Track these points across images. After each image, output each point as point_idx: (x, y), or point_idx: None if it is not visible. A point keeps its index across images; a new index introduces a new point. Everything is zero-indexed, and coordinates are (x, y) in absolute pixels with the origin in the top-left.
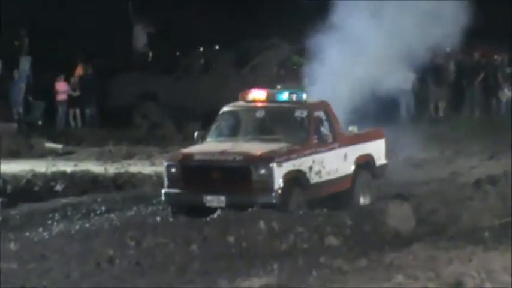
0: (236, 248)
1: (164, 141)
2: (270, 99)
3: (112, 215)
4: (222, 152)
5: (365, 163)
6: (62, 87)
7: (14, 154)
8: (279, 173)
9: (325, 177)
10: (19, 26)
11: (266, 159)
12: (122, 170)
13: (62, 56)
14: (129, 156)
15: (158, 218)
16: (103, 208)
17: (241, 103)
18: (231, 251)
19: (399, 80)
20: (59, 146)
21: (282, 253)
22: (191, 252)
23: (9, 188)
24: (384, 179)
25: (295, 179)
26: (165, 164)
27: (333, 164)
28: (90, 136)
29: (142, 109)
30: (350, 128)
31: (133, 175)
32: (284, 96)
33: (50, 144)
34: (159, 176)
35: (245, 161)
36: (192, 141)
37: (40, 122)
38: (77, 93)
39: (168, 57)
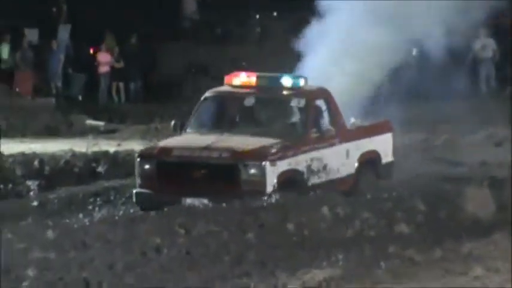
0: (297, 236)
1: None
2: (261, 84)
3: None
4: (206, 148)
5: (370, 161)
6: (104, 58)
7: (52, 132)
8: (272, 173)
9: (324, 178)
10: None
11: (258, 156)
12: None
13: (104, 24)
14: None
15: (210, 203)
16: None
17: (226, 88)
18: (291, 240)
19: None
20: (100, 123)
21: (347, 242)
22: (246, 240)
23: (46, 169)
24: (391, 179)
25: (291, 180)
26: (137, 159)
27: (334, 162)
28: (134, 112)
29: (192, 82)
30: (352, 120)
31: None
32: (278, 81)
33: (91, 121)
34: None
35: (233, 158)
36: None
37: (80, 97)
38: (120, 65)
39: (220, 26)
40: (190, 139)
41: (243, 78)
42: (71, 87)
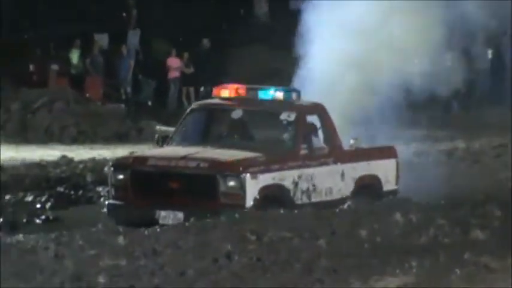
0: (369, 243)
1: None
2: (250, 97)
3: None
4: (183, 157)
5: (369, 186)
6: (174, 63)
7: (122, 138)
8: (253, 187)
9: (315, 199)
10: None
11: (237, 167)
12: None
13: (174, 29)
14: None
15: (281, 210)
16: None
17: (214, 100)
18: (363, 246)
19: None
20: (171, 129)
21: (420, 248)
22: (318, 247)
23: None
24: None
25: (275, 196)
26: (111, 168)
27: (326, 183)
28: None
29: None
30: (351, 142)
31: None
32: (268, 94)
33: (161, 127)
34: None
35: (211, 168)
36: None
37: (150, 102)
38: (190, 70)
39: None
40: (169, 150)
41: (231, 90)
42: (140, 93)
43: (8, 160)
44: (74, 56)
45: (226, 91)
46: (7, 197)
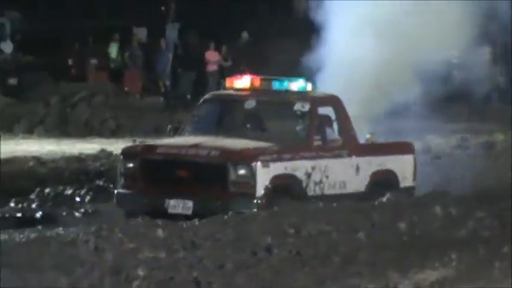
0: (408, 236)
1: None
2: (265, 88)
3: None
4: (194, 146)
5: (385, 181)
6: (212, 56)
7: (160, 132)
8: (264, 176)
9: (328, 191)
10: None
11: (248, 156)
12: None
13: (212, 22)
14: None
15: (321, 204)
16: None
17: (227, 91)
18: (402, 239)
19: None
20: None
21: (460, 241)
22: (357, 240)
23: None
24: None
25: (287, 186)
26: (120, 157)
27: (340, 175)
28: None
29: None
30: (368, 136)
31: None
32: (282, 85)
33: None
34: None
35: (221, 157)
36: None
37: (189, 96)
38: (229, 63)
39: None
40: (180, 140)
41: (245, 81)
42: (179, 86)
43: (47, 154)
44: (113, 50)
45: (240, 82)
46: (47, 190)
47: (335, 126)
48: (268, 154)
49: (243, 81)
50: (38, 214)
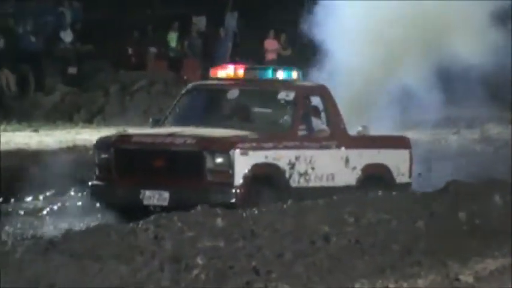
0: (468, 225)
1: None
2: (249, 77)
3: None
4: (170, 135)
5: (378, 176)
6: (271, 45)
7: None
8: (242, 164)
9: (315, 183)
10: None
11: (226, 143)
12: None
13: (271, 11)
14: None
15: (379, 193)
16: None
17: (210, 81)
18: (461, 228)
19: None
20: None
21: None
22: (417, 229)
23: None
24: None
25: (268, 176)
26: (94, 148)
27: (328, 167)
28: None
29: None
30: (359, 129)
31: None
32: (268, 73)
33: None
34: None
35: (197, 145)
36: None
37: None
38: (288, 52)
39: None
40: (157, 129)
41: (229, 71)
42: None
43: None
44: (172, 39)
45: (224, 71)
46: None
47: (321, 115)
48: (247, 142)
49: (226, 71)
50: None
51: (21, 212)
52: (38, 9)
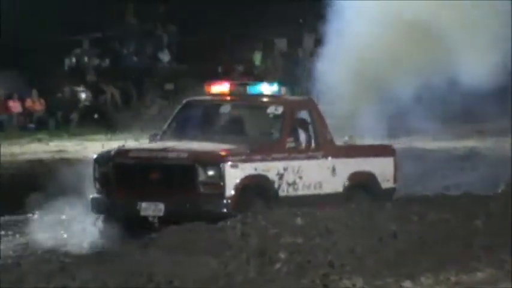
0: None
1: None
2: (240, 92)
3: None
4: (163, 149)
5: (364, 183)
6: None
7: None
8: (233, 176)
9: (302, 191)
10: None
11: (216, 156)
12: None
13: None
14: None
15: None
16: None
17: (204, 97)
18: None
19: None
20: None
21: None
22: (475, 227)
23: None
24: None
25: (257, 186)
26: (94, 162)
27: (315, 176)
28: None
29: None
30: (346, 139)
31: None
32: (257, 89)
33: None
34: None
35: (190, 158)
36: None
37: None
38: None
39: None
40: (153, 144)
41: (222, 87)
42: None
43: None
44: (257, 58)
45: (217, 87)
46: None
47: (308, 127)
48: (237, 155)
49: (220, 87)
50: None
51: None
52: (139, 33)
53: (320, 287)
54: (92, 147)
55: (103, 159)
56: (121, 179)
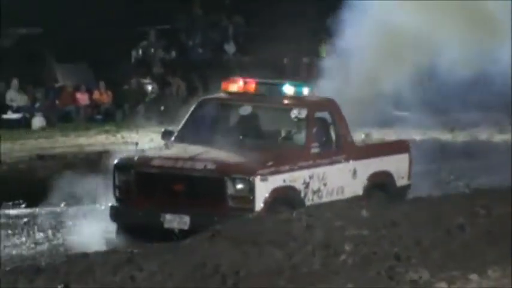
0: None
1: None
2: (260, 92)
3: (460, 183)
4: (190, 158)
5: (381, 183)
6: None
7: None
8: (262, 190)
9: (326, 198)
10: None
11: (246, 170)
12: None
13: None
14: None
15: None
16: (451, 177)
17: (222, 95)
18: None
19: None
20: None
21: None
22: None
23: None
24: None
25: (286, 198)
26: (114, 169)
27: (338, 181)
28: None
29: None
30: (362, 137)
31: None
32: (278, 89)
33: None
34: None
35: (218, 171)
36: None
37: None
38: None
39: None
40: (175, 149)
41: (240, 85)
42: None
43: None
44: (323, 50)
45: (235, 85)
46: None
47: (331, 130)
48: (267, 167)
49: (237, 85)
50: None
51: None
52: (205, 25)
53: (385, 279)
54: (157, 139)
55: (125, 166)
56: (143, 188)
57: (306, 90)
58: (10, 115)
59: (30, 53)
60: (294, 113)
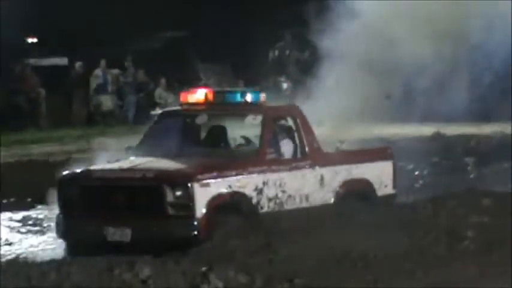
0: None
1: None
2: (218, 100)
3: None
4: (130, 169)
5: (358, 191)
6: None
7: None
8: (203, 196)
9: (287, 206)
10: None
11: (184, 176)
12: None
13: None
14: None
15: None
16: None
17: (178, 107)
18: None
19: None
20: None
21: None
22: None
23: (482, 147)
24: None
25: (232, 205)
26: (57, 183)
27: (301, 188)
28: None
29: None
30: (337, 145)
31: None
32: (235, 97)
33: None
34: None
35: (156, 178)
36: None
37: None
38: None
39: None
40: (121, 162)
41: (198, 95)
42: None
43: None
44: None
45: (193, 96)
46: None
47: (292, 136)
48: (208, 172)
49: (196, 95)
50: None
51: None
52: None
53: (509, 263)
54: None
55: (66, 181)
56: (85, 201)
57: (262, 97)
58: (158, 111)
59: (177, 54)
60: (249, 119)
